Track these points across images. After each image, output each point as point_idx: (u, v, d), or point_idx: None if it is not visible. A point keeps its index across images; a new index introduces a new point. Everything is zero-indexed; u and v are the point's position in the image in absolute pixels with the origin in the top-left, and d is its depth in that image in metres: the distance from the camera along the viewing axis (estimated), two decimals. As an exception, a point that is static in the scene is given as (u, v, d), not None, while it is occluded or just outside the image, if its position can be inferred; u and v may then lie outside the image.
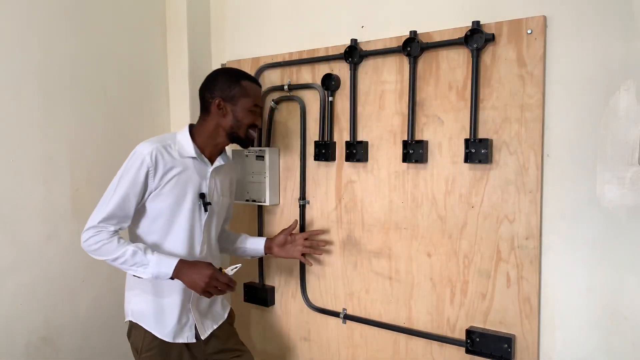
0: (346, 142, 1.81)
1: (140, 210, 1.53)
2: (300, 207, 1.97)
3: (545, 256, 1.50)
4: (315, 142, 1.89)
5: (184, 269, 1.48)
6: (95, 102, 1.95)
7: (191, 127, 1.63)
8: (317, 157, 1.88)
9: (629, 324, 1.39)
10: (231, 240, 1.84)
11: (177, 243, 1.55)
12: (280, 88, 1.99)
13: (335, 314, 1.91)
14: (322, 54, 1.88)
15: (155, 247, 1.53)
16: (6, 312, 1.70)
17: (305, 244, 1.83)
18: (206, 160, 1.60)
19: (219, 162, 1.63)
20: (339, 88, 1.85)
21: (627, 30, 1.35)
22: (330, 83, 1.84)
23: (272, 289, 2.09)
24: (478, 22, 1.52)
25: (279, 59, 1.99)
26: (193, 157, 1.56)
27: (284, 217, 2.03)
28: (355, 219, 1.84)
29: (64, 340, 1.87)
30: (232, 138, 1.62)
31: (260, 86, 1.68)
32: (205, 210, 1.59)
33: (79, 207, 1.89)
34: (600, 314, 1.43)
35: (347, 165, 1.85)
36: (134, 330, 1.59)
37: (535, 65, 1.46)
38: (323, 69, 1.88)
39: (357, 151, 1.79)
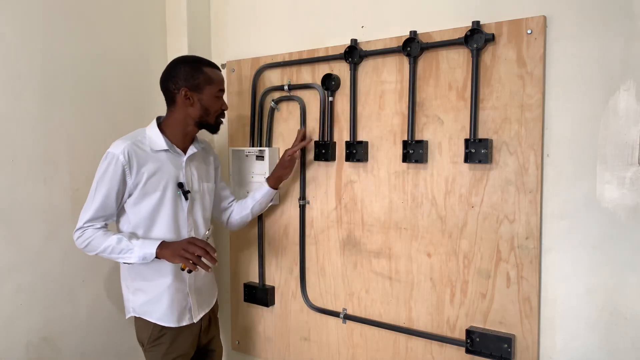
0: (346, 142, 1.81)
1: (123, 210, 1.60)
2: (300, 207, 1.97)
3: (545, 256, 1.50)
4: (315, 142, 1.89)
5: (166, 246, 1.53)
6: (95, 102, 1.95)
7: (159, 120, 1.66)
8: (317, 157, 1.88)
9: (629, 324, 1.39)
10: (246, 206, 1.89)
11: (163, 232, 1.61)
12: (280, 88, 1.99)
13: (335, 314, 1.91)
14: (322, 54, 1.88)
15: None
16: (6, 312, 1.70)
17: (288, 152, 1.83)
18: (179, 150, 1.65)
19: (191, 150, 1.67)
20: (339, 88, 1.85)
21: (627, 30, 1.35)
22: (330, 83, 1.84)
23: (272, 289, 2.09)
24: (478, 22, 1.52)
25: (279, 59, 1.99)
26: (165, 150, 1.61)
27: (284, 217, 2.03)
28: (355, 219, 1.84)
29: (64, 340, 1.87)
30: (202, 126, 1.67)
31: (220, 70, 1.70)
32: (186, 198, 1.65)
33: (79, 207, 1.86)
34: (600, 314, 1.43)
35: (347, 165, 1.85)
36: (140, 323, 1.66)
37: (535, 65, 1.46)
38: (323, 69, 1.88)
39: (357, 151, 1.79)
